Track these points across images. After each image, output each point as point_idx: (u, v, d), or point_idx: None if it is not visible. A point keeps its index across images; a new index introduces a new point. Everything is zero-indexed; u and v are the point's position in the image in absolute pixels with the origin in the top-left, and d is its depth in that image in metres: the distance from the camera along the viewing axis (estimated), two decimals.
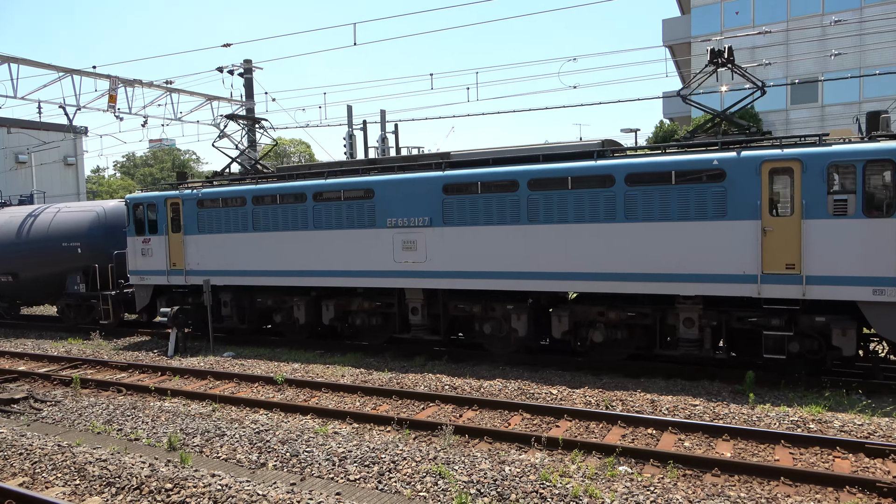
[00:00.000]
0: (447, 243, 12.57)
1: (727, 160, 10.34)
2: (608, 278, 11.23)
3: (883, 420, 8.73)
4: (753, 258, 10.17)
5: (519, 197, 11.87)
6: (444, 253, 12.61)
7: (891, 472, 7.22)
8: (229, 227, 15.12)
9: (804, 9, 32.15)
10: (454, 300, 13.12)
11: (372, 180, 13.42)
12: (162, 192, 16.43)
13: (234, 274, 15.18)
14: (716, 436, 8.47)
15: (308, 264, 14.17)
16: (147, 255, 16.32)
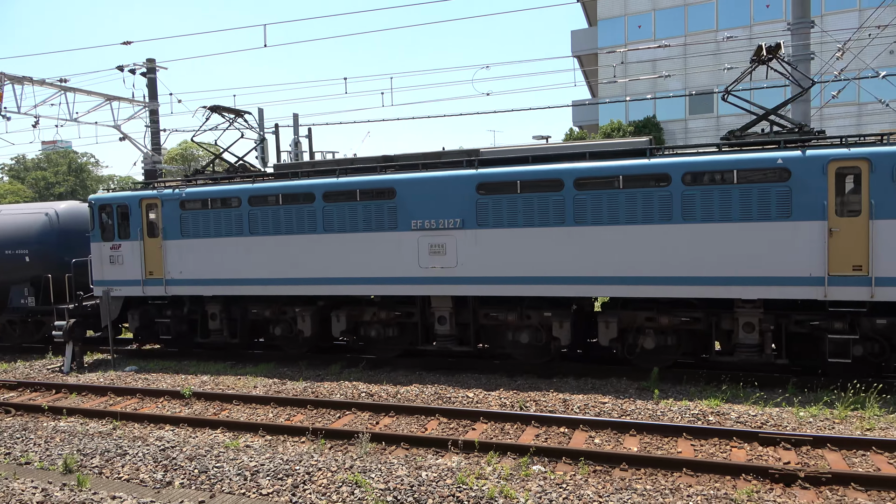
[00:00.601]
0: (482, 247, 11.76)
1: (792, 159, 10.07)
2: (663, 282, 10.77)
3: (774, 410, 9.35)
4: (820, 260, 9.95)
5: (564, 197, 11.23)
6: (477, 257, 11.80)
7: (782, 458, 7.73)
8: (220, 231, 13.68)
9: (700, 25, 34.20)
10: (485, 308, 12.30)
11: (393, 179, 12.35)
12: (136, 192, 14.68)
13: (225, 283, 13.72)
14: (624, 431, 8.80)
15: (316, 271, 12.93)
16: (117, 263, 14.55)
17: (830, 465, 7.48)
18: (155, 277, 14.30)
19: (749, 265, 10.29)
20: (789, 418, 9.00)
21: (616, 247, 10.97)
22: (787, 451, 7.96)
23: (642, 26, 36.00)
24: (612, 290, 11.23)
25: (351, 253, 12.63)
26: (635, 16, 36.22)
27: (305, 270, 13.03)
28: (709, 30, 33.44)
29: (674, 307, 11.21)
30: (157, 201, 14.24)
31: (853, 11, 30.12)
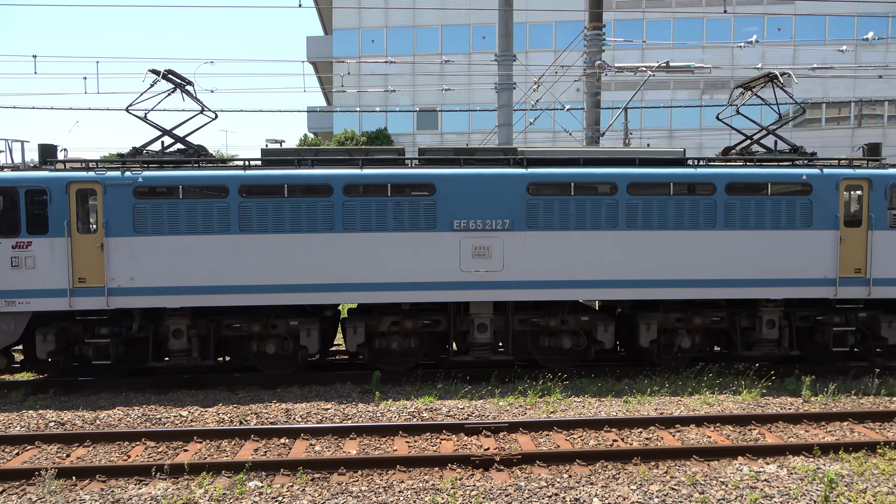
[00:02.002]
0: (530, 250, 11.21)
1: (813, 175, 11.46)
2: (702, 284, 11.43)
3: (479, 402, 10.31)
4: (833, 264, 11.44)
5: (617, 201, 11.26)
6: (526, 261, 11.21)
7: (483, 445, 8.54)
8: (195, 227, 10.93)
9: (426, 47, 36.71)
10: (521, 313, 11.76)
11: (434, 174, 11.20)
12: (60, 173, 11.03)
13: (200, 291, 11.03)
14: (344, 436, 8.93)
15: (333, 276, 11.10)
16: (22, 267, 10.88)
17: (521, 446, 8.48)
18: (90, 286, 10.97)
19: (776, 268, 11.48)
20: (491, 409, 10.00)
21: (664, 251, 11.35)
22: (487, 438, 8.81)
23: (375, 41, 37.43)
24: (658, 293, 11.52)
25: (377, 255, 11.15)
26: (369, 30, 37.52)
27: (318, 275, 11.10)
28: (434, 52, 36.04)
29: (703, 308, 11.94)
30: (97, 186, 10.90)
31: (550, 51, 34.95)
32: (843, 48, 30.39)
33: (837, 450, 8.17)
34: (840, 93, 35.19)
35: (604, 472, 7.61)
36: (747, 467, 7.71)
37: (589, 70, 16.12)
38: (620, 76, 29.06)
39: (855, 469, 7.60)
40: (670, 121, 35.86)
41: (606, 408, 10.09)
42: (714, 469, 7.70)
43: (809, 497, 6.88)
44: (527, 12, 31.86)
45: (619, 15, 35.32)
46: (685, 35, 35.12)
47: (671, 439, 8.76)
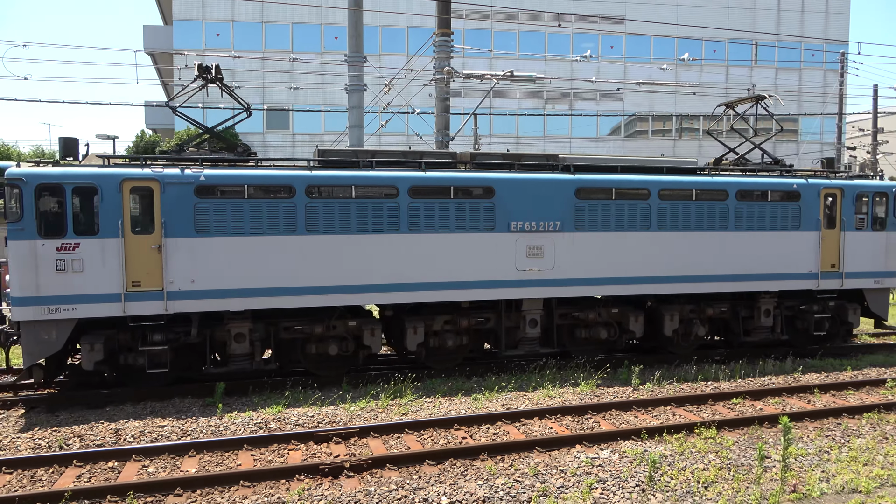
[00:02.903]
0: (577, 249, 12.10)
1: (801, 185, 13.38)
2: (716, 279, 12.88)
3: (330, 409, 10.09)
4: (815, 260, 13.47)
5: (650, 205, 12.43)
6: (573, 259, 12.09)
7: (333, 452, 8.36)
8: (260, 228, 10.61)
9: (276, 44, 35.54)
10: (565, 308, 12.60)
11: (493, 177, 11.67)
12: (113, 170, 10.20)
13: (264, 293, 10.70)
14: (182, 454, 8.34)
15: (398, 276, 11.23)
16: (69, 271, 9.96)
17: (372, 451, 8.40)
18: (146, 290, 10.25)
19: (772, 264, 13.21)
20: (342, 414, 9.83)
21: (686, 250, 12.71)
22: (338, 444, 8.64)
23: (221, 34, 35.62)
24: (681, 288, 12.79)
25: (439, 255, 11.41)
26: (214, 23, 35.63)
27: (383, 276, 11.16)
28: (285, 50, 34.99)
29: (712, 301, 13.36)
30: (154, 184, 10.23)
31: (403, 55, 35.23)
32: (665, 67, 33.62)
33: (662, 432, 8.94)
34: (664, 107, 38.85)
35: (453, 470, 7.74)
36: (584, 454, 8.21)
37: (438, 75, 16.43)
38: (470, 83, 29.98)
39: (676, 449, 8.35)
40: (517, 128, 37.59)
41: (457, 406, 10.30)
42: (555, 458, 8.11)
43: (638, 478, 7.45)
44: (380, 15, 31.95)
45: (469, 24, 36.44)
46: (529, 47, 37.02)
47: (516, 433, 9.11)
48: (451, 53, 16.85)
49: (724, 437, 8.85)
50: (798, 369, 12.70)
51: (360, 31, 16.10)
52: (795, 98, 38.82)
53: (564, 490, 7.17)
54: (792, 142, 41.12)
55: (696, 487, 7.22)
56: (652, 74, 34.90)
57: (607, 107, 38.45)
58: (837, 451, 8.38)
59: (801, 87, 39.93)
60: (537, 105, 38.12)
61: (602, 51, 38.00)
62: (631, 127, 40.12)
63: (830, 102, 37.45)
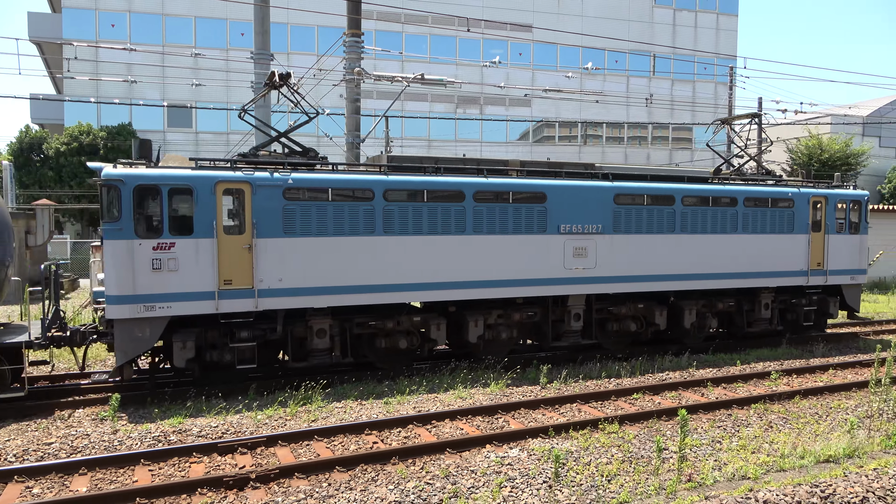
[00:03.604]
0: (615, 250, 13.30)
1: (795, 193, 15.18)
2: (726, 277, 14.42)
3: (235, 418, 9.72)
4: (805, 259, 15.27)
5: (675, 210, 13.84)
6: (611, 259, 13.28)
7: (238, 463, 8.04)
8: (342, 230, 11.25)
9: (177, 38, 34.00)
10: (601, 303, 13.70)
11: (545, 184, 12.78)
12: (208, 172, 10.49)
13: (343, 291, 11.34)
14: (71, 472, 7.77)
15: (463, 274, 12.10)
16: (164, 270, 10.16)
17: (280, 460, 8.15)
18: (237, 287, 10.64)
19: (772, 263, 14.85)
20: (248, 423, 9.49)
21: (703, 250, 14.11)
22: (243, 455, 8.33)
23: (116, 25, 33.72)
24: (697, 285, 14.21)
25: (499, 255, 12.36)
26: (108, 13, 33.70)
27: (449, 274, 11.97)
28: (187, 44, 33.54)
29: (721, 296, 14.87)
30: (245, 186, 10.67)
31: (312, 55, 34.62)
32: (571, 75, 34.79)
33: (568, 429, 9.20)
34: (569, 114, 40.19)
35: (363, 476, 7.64)
36: (494, 454, 8.31)
37: (349, 76, 16.24)
38: (382, 85, 29.85)
39: (582, 445, 8.62)
40: (428, 131, 37.78)
41: (368, 411, 10.19)
42: (466, 459, 8.17)
43: (545, 475, 7.62)
44: (289, 13, 31.23)
45: (380, 25, 36.30)
46: (440, 51, 37.32)
47: (428, 435, 9.12)
48: (361, 54, 16.70)
49: (626, 431, 9.22)
50: (693, 364, 13.45)
51: (266, 27, 15.67)
52: (690, 108, 41.19)
53: (475, 490, 7.23)
54: (686, 149, 43.59)
55: (600, 481, 7.47)
56: (558, 82, 36.02)
57: (516, 112, 39.36)
58: (728, 441, 8.92)
59: (695, 97, 42.42)
60: (448, 109, 38.48)
61: (511, 57, 38.87)
62: (539, 132, 41.26)
63: (721, 113, 40.05)
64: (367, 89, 19.59)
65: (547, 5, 39.75)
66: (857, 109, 46.35)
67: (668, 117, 41.08)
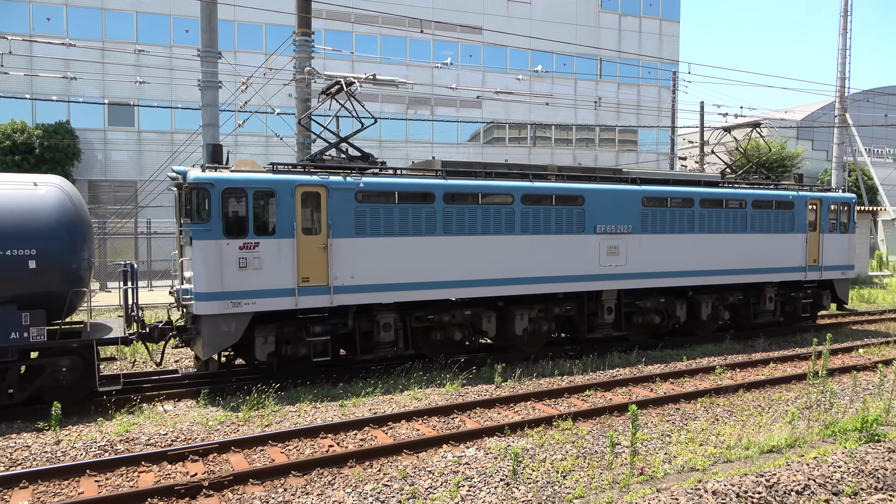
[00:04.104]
0: (643, 248, 14.46)
1: (794, 196, 16.63)
2: (738, 273, 15.75)
3: (185, 425, 9.47)
4: (804, 256, 16.71)
5: (694, 212, 15.08)
6: (640, 257, 14.43)
7: (189, 471, 7.84)
8: (406, 230, 11.91)
9: (119, 34, 32.87)
10: (629, 297, 14.82)
11: (584, 188, 13.78)
12: (288, 176, 11.10)
13: (406, 288, 12.01)
14: (11, 486, 7.43)
15: (511, 271, 13.04)
16: (249, 268, 10.69)
17: (233, 466, 7.98)
18: (313, 284, 11.29)
19: (775, 260, 16.23)
20: (199, 430, 9.26)
21: (716, 249, 15.47)
22: (195, 462, 8.12)
23: (52, 19, 32.33)
24: (712, 280, 15.42)
25: (543, 253, 13.28)
26: (43, 6, 32.27)
27: (499, 271, 12.89)
28: (129, 40, 32.45)
29: (731, 290, 16.12)
30: (321, 190, 11.37)
31: (260, 53, 34.00)
32: (520, 77, 35.19)
33: (523, 427, 9.31)
34: (519, 116, 40.65)
35: (320, 480, 7.56)
36: (451, 454, 8.35)
37: (299, 75, 16.02)
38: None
39: (537, 442, 8.73)
40: (379, 132, 37.58)
41: (323, 414, 10.07)
42: (423, 460, 8.18)
43: (502, 473, 7.70)
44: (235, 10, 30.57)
45: (330, 25, 35.93)
46: (391, 52, 37.20)
47: (384, 437, 9.08)
48: (311, 54, 16.50)
49: (580, 428, 9.39)
50: (642, 361, 13.79)
51: (214, 25, 15.32)
52: (635, 111, 42.21)
53: (433, 490, 7.24)
54: (632, 151, 44.66)
55: (555, 477, 7.59)
56: (508, 84, 36.41)
57: (467, 113, 39.56)
58: (677, 434, 9.19)
59: (640, 100, 43.50)
60: (399, 109, 38.37)
61: (461, 59, 39.05)
62: (489, 134, 41.57)
63: (665, 116, 41.17)
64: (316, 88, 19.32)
65: (496, 8, 40.10)
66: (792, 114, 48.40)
67: (614, 120, 41.98)
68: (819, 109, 50.29)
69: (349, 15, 36.41)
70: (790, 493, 6.97)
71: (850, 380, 12.09)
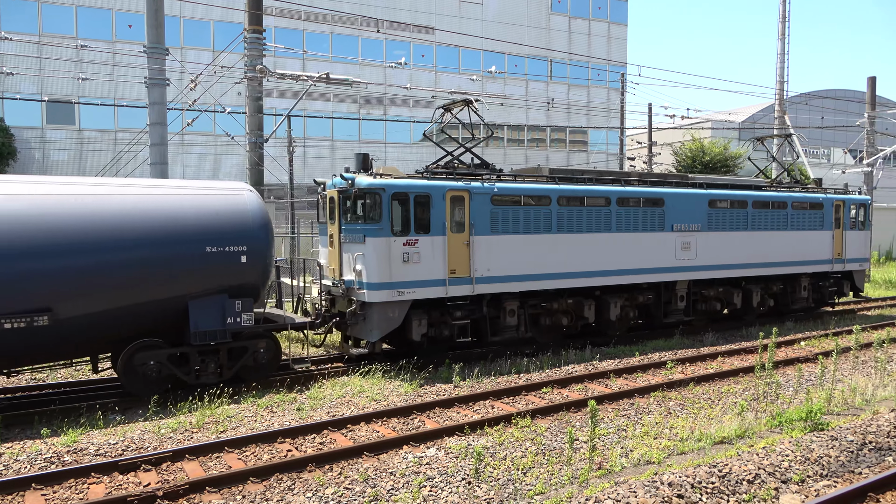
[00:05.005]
0: (709, 244, 16.51)
1: (824, 198, 19.14)
2: (779, 265, 18.14)
3: (137, 433, 9.17)
4: (830, 250, 19.28)
5: (748, 213, 17.32)
6: (707, 251, 16.47)
7: (142, 481, 7.60)
8: (528, 228, 13.86)
9: (57, 27, 31.58)
10: (696, 287, 16.81)
11: (664, 191, 15.87)
12: (439, 182, 12.89)
13: (527, 279, 13.92)
14: None
15: (607, 264, 14.86)
16: (411, 262, 12.41)
17: (189, 475, 7.78)
18: (458, 276, 13.00)
19: (809, 254, 18.69)
20: (151, 438, 8.98)
21: (764, 244, 17.70)
22: (148, 472, 7.88)
23: None
24: (762, 271, 17.77)
25: (632, 248, 15.21)
26: None
27: (598, 264, 14.62)
28: (68, 35, 31.23)
29: (774, 280, 18.48)
30: (465, 194, 13.10)
31: (208, 50, 33.22)
32: (473, 77, 35.36)
33: (483, 426, 9.36)
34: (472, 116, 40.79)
35: (279, 486, 7.43)
36: (412, 454, 8.32)
37: (250, 74, 15.72)
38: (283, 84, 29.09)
39: (497, 440, 8.79)
40: (332, 131, 37.22)
41: (280, 418, 9.91)
42: (384, 462, 8.13)
43: (463, 472, 7.72)
44: (181, 5, 29.77)
45: (280, 22, 35.36)
46: (343, 50, 36.83)
47: (344, 440, 8.99)
48: (262, 52, 16.21)
49: (539, 425, 9.50)
50: (596, 357, 14.04)
51: (161, 20, 14.87)
52: (585, 112, 42.94)
53: (395, 492, 7.21)
54: (582, 152, 45.42)
55: (516, 475, 7.65)
56: (461, 84, 36.52)
57: (420, 113, 39.53)
58: (633, 428, 9.39)
59: (590, 102, 44.27)
60: (352, 109, 38.06)
61: (414, 59, 38.98)
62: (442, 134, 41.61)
63: (614, 117, 42.02)
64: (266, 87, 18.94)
65: (448, 8, 40.18)
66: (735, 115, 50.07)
67: (565, 120, 42.60)
68: (760, 111, 52.17)
69: (300, 13, 35.93)
70: (742, 483, 7.20)
71: (794, 371, 12.59)
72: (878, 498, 6.92)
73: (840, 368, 12.73)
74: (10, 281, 9.30)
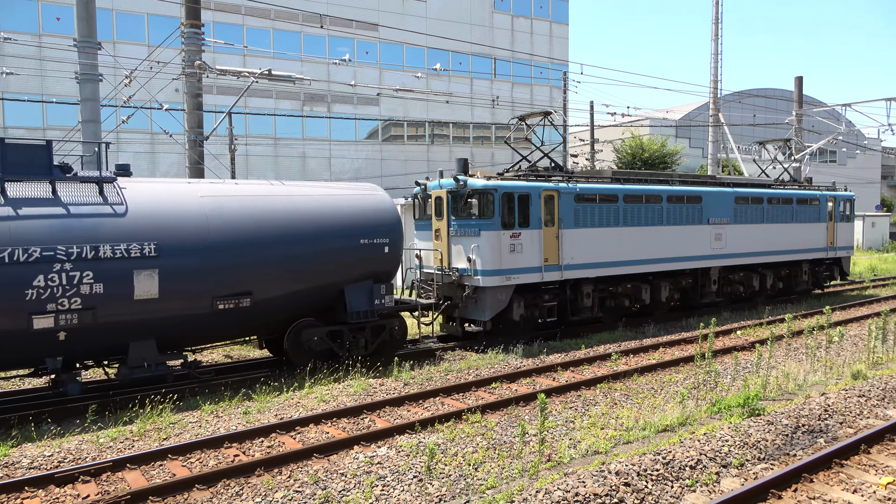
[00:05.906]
0: (736, 235, 19.30)
1: (820, 195, 22.12)
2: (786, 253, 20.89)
3: (73, 444, 8.79)
4: (825, 239, 22.14)
5: (763, 207, 20.15)
6: (734, 241, 19.25)
7: (81, 494, 7.29)
8: (602, 222, 16.12)
9: None
10: (724, 273, 19.60)
11: (702, 191, 18.63)
12: (536, 184, 15.18)
13: (601, 266, 16.11)
14: None
15: (658, 253, 17.28)
16: (516, 252, 14.61)
17: (130, 485, 7.51)
18: (550, 264, 15.17)
19: (809, 242, 21.53)
20: (89, 448, 8.63)
21: (775, 235, 20.42)
22: (87, 484, 7.57)
23: None
24: (773, 258, 20.50)
25: (678, 239, 17.76)
26: None
27: (650, 252, 17.13)
28: None
29: (782, 266, 21.35)
30: (555, 193, 15.31)
31: (143, 45, 32.08)
32: (418, 75, 35.30)
33: (434, 423, 9.37)
34: (418, 114, 40.77)
35: (227, 492, 7.25)
36: (363, 454, 8.26)
37: (189, 70, 15.26)
38: (223, 80, 28.33)
39: (448, 437, 8.81)
40: (274, 129, 36.53)
41: (226, 423, 9.67)
42: (334, 463, 8.04)
43: (415, 470, 7.71)
44: None
45: (219, 17, 34.47)
46: (285, 46, 36.18)
47: (293, 442, 8.85)
48: (201, 47, 15.76)
49: (489, 420, 9.57)
50: (543, 351, 14.25)
51: (91, 13, 14.25)
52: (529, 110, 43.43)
53: (346, 493, 7.14)
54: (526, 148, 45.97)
55: (468, 470, 7.69)
56: (406, 82, 36.38)
57: (365, 111, 39.21)
58: (580, 420, 9.58)
59: (533, 100, 44.84)
60: (295, 106, 37.43)
61: (358, 56, 38.63)
62: (387, 131, 41.42)
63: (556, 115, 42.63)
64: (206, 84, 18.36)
65: (391, 5, 39.96)
66: (672, 114, 51.59)
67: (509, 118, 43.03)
68: (695, 109, 53.92)
69: (240, 7, 35.11)
70: (685, 469, 7.44)
71: (731, 360, 13.08)
72: (812, 478, 7.26)
73: (774, 356, 13.30)
74: (228, 267, 11.15)
